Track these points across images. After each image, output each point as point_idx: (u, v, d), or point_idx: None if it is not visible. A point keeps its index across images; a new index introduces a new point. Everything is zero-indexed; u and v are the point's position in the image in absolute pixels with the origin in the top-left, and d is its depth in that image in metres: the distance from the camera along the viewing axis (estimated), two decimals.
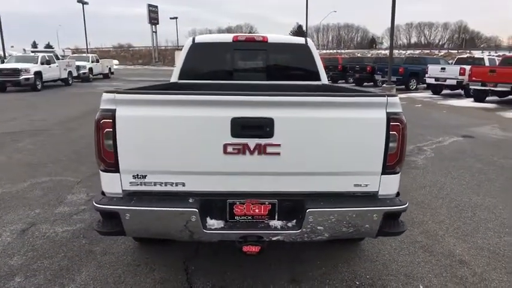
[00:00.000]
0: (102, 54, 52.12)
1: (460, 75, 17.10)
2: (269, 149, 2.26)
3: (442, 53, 63.00)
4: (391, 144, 2.31)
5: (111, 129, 2.25)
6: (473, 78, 15.27)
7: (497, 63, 17.43)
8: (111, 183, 2.36)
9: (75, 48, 65.72)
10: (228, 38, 4.34)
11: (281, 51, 4.38)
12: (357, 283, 2.80)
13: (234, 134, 2.24)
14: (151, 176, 2.33)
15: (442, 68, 18.08)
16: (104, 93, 2.30)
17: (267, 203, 2.38)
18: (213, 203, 2.36)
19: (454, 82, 17.35)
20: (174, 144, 2.29)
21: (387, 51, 35.17)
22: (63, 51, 38.59)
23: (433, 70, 18.42)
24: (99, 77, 28.05)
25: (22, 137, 7.85)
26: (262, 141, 2.25)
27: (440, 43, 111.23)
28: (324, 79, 4.42)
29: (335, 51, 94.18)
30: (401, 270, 2.96)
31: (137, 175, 2.33)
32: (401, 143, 2.33)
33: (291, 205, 2.39)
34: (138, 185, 2.35)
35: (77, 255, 3.17)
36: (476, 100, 15.59)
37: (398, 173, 2.41)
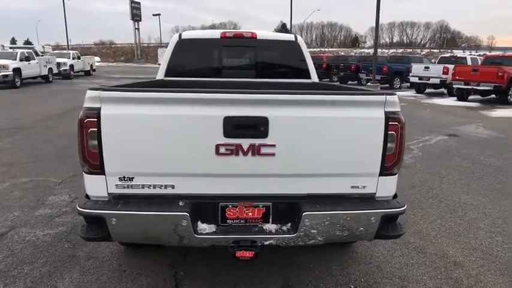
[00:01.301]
0: (83, 51, 50.90)
1: (443, 74, 17.35)
2: (263, 150, 2.16)
3: (424, 52, 63.96)
4: (389, 145, 2.24)
5: (95, 129, 2.11)
6: (457, 77, 15.50)
7: (479, 63, 17.77)
8: (96, 186, 2.22)
9: (56, 44, 64.40)
10: (215, 34, 4.22)
11: (270, 48, 4.27)
12: (352, 287, 2.73)
13: (227, 134, 2.13)
14: (139, 178, 2.20)
15: (425, 67, 18.30)
16: (88, 90, 2.16)
17: (260, 206, 2.28)
18: (205, 206, 2.25)
19: (437, 81, 17.59)
20: (163, 145, 2.16)
21: (370, 50, 35.48)
22: (43, 47, 37.59)
23: (417, 69, 18.63)
24: (81, 74, 27.43)
25: (0, 136, 7.54)
26: (257, 141, 2.15)
27: (422, 42, 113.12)
28: (314, 77, 4.34)
29: (319, 49, 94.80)
30: (395, 273, 2.91)
31: (124, 177, 2.20)
32: (400, 143, 2.26)
33: (286, 208, 2.29)
34: (124, 187, 2.21)
35: (59, 260, 3.01)
36: (459, 99, 15.83)
37: (396, 174, 2.34)
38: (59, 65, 23.02)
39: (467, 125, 9.80)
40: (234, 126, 2.12)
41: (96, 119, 2.11)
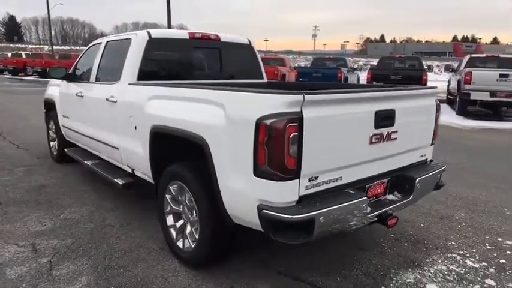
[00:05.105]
0: None
1: None
2: (393, 135, 2.71)
3: None
4: (436, 122, 3.19)
5: (297, 134, 2.12)
6: None
7: None
8: (287, 191, 2.21)
9: None
10: (183, 34, 4.03)
11: (231, 50, 4.42)
12: (425, 242, 3.57)
13: (376, 126, 2.56)
14: (321, 176, 2.34)
15: None
16: (280, 95, 2.14)
17: (385, 181, 2.81)
18: (360, 190, 2.58)
19: None
20: (340, 141, 2.39)
21: None
22: None
23: None
24: None
25: None
26: (390, 129, 2.68)
27: None
28: (265, 77, 4.79)
29: (62, 47, 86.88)
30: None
31: (312, 177, 2.28)
32: (437, 121, 3.24)
33: (396, 179, 2.89)
34: (311, 187, 2.30)
35: None
36: None
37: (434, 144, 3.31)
38: None
39: None
40: (380, 119, 2.58)
41: (297, 124, 2.12)
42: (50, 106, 5.83)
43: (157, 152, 3.18)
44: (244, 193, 2.34)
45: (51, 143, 6.07)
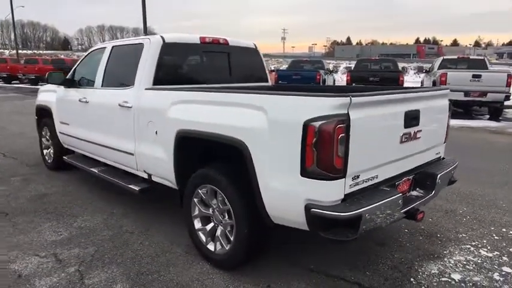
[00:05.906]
0: None
1: None
2: (418, 134, 2.86)
3: None
4: (448, 122, 3.38)
5: (344, 135, 2.22)
6: None
7: None
8: (335, 190, 2.30)
9: None
10: (195, 38, 4.04)
11: (239, 54, 4.46)
12: (438, 236, 3.73)
13: (406, 125, 2.71)
14: (362, 175, 2.44)
15: None
16: (328, 97, 2.22)
17: (411, 178, 2.95)
18: (391, 187, 2.71)
19: None
20: (377, 141, 2.51)
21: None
22: None
23: None
24: None
25: None
26: (416, 128, 2.83)
27: None
28: (269, 81, 4.88)
29: (24, 51, 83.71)
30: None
31: (355, 176, 2.38)
32: (449, 120, 3.44)
33: (418, 176, 3.04)
34: (354, 186, 2.40)
35: None
36: None
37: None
38: None
39: None
40: (409, 118, 2.72)
41: (344, 125, 2.22)
42: (43, 113, 5.66)
43: (183, 156, 3.19)
44: (289, 193, 2.40)
45: (45, 151, 5.88)
